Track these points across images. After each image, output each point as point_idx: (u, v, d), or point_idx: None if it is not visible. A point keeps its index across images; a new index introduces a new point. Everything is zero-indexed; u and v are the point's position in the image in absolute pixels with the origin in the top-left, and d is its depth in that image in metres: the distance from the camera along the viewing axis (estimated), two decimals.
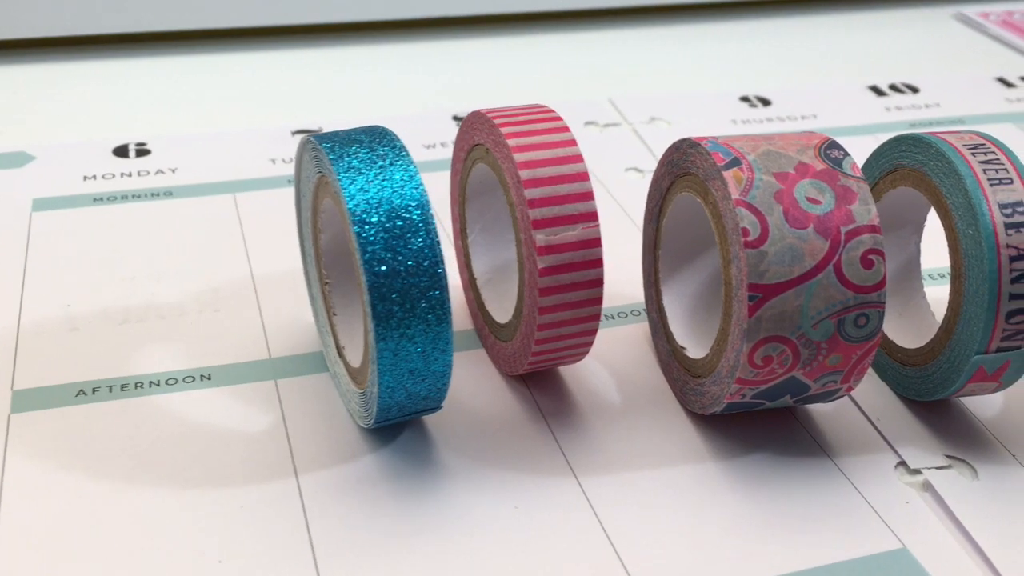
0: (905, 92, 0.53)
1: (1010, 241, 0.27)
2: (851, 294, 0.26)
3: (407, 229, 0.25)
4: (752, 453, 0.29)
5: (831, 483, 0.28)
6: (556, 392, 0.31)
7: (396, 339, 0.25)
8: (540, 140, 0.28)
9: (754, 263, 0.26)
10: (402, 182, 0.25)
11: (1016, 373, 0.28)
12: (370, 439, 0.29)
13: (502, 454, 0.29)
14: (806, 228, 0.26)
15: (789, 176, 0.27)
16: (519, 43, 0.56)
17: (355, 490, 0.27)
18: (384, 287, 0.25)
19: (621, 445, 0.29)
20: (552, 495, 0.27)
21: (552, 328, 0.28)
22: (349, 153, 0.26)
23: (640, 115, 0.49)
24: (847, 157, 0.28)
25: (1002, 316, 0.27)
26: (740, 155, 0.27)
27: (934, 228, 0.30)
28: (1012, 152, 0.28)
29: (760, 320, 0.26)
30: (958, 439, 0.30)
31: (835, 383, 0.28)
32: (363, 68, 0.52)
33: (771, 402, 0.28)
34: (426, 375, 0.26)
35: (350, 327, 0.30)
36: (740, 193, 0.26)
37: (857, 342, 0.27)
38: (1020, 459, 0.29)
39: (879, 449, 0.29)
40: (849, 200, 0.27)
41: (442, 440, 0.29)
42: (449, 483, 0.28)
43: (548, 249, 0.27)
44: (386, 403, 0.26)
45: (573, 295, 0.28)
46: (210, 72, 0.51)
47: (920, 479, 0.28)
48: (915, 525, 0.27)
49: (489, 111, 0.29)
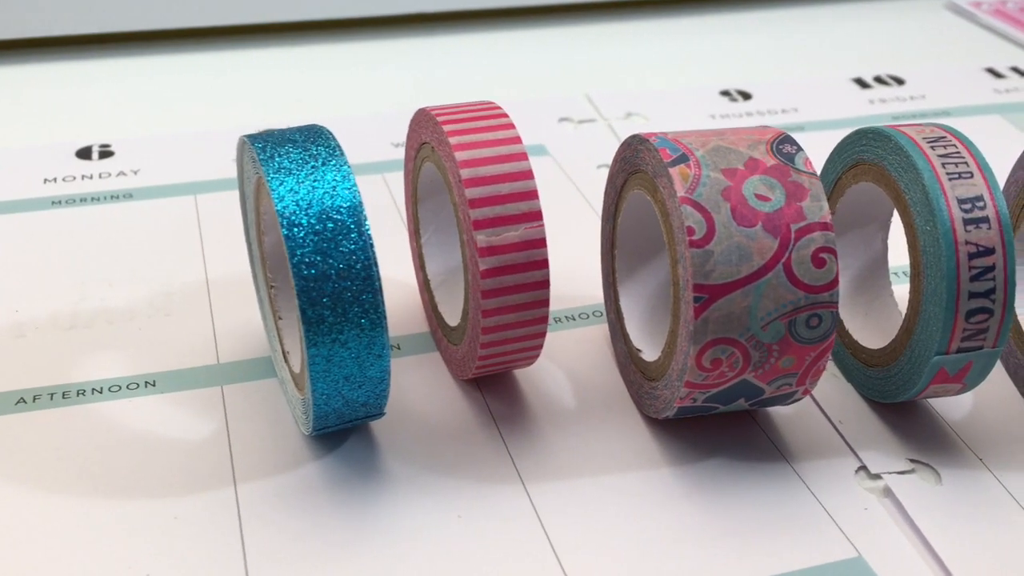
0: (890, 84, 0.52)
1: (969, 237, 0.26)
2: (802, 294, 0.25)
3: (338, 232, 0.24)
4: (708, 458, 0.28)
5: (788, 489, 0.27)
6: (510, 396, 0.30)
7: (328, 345, 0.24)
8: (483, 138, 0.27)
9: (699, 263, 0.25)
10: (334, 183, 0.25)
11: (980, 374, 0.27)
12: (314, 446, 0.28)
13: (449, 461, 0.28)
14: (754, 226, 0.25)
15: (738, 172, 0.26)
16: (495, 39, 0.55)
17: (294, 499, 0.26)
18: (314, 291, 0.24)
19: (573, 451, 0.28)
20: (497, 503, 0.27)
21: (497, 332, 0.27)
22: (280, 153, 0.25)
23: (616, 111, 0.48)
24: (800, 152, 0.27)
25: (962, 315, 0.26)
26: (688, 151, 0.27)
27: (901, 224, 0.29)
28: (974, 145, 0.27)
29: (707, 322, 0.25)
30: (923, 442, 0.29)
31: (790, 386, 0.27)
32: (332, 66, 0.52)
33: (725, 406, 0.27)
34: (362, 381, 0.25)
35: (294, 332, 0.29)
36: (686, 191, 0.26)
37: (810, 344, 0.26)
38: (987, 463, 0.28)
39: (840, 453, 0.29)
40: (800, 197, 0.26)
41: (388, 447, 0.28)
42: (392, 491, 0.27)
43: (490, 250, 0.26)
44: (322, 410, 0.26)
45: (517, 297, 0.27)
46: (177, 73, 0.51)
47: (880, 484, 0.28)
48: (872, 532, 0.26)
49: (434, 108, 0.29)
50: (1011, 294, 0.26)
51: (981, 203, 0.26)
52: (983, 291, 0.26)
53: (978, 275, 0.26)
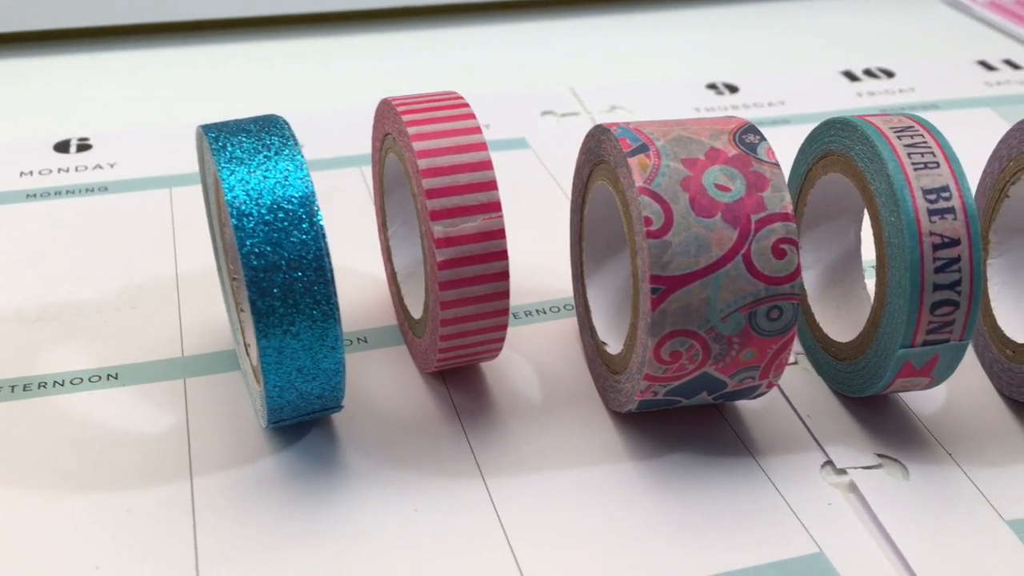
0: (880, 77, 0.51)
1: (934, 228, 0.25)
2: (762, 285, 0.25)
3: (289, 222, 0.24)
4: (672, 452, 0.28)
5: (752, 483, 0.27)
6: (475, 390, 0.30)
7: (280, 336, 0.24)
8: (441, 128, 0.27)
9: (657, 254, 0.25)
10: (286, 172, 0.24)
11: (947, 368, 0.27)
12: (274, 439, 0.28)
13: (409, 454, 0.28)
14: (713, 216, 0.25)
15: (698, 162, 0.26)
16: (480, 32, 0.54)
17: (251, 492, 0.26)
18: (264, 282, 0.24)
19: (535, 445, 0.28)
20: (455, 497, 0.26)
21: (456, 324, 0.27)
22: (233, 143, 0.25)
23: (601, 104, 0.47)
24: (763, 142, 0.26)
25: (926, 308, 0.26)
26: (649, 141, 0.26)
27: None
28: (942, 136, 0.27)
29: (664, 313, 0.25)
30: (892, 437, 0.28)
31: (753, 379, 0.27)
32: (314, 60, 0.51)
33: (688, 399, 0.27)
34: (316, 373, 0.25)
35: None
36: (644, 181, 0.25)
37: (771, 336, 0.26)
38: (957, 458, 0.28)
39: (807, 448, 0.28)
40: (761, 187, 0.25)
41: (349, 440, 0.28)
42: (349, 485, 0.27)
43: (447, 241, 0.26)
44: (276, 403, 0.25)
45: (476, 289, 0.26)
46: (160, 67, 0.50)
47: (846, 479, 0.27)
48: (835, 528, 0.26)
49: (396, 99, 0.28)
50: (977, 286, 0.26)
51: (947, 193, 0.26)
52: (948, 283, 0.25)
53: (943, 266, 0.25)
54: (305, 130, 0.44)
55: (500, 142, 0.44)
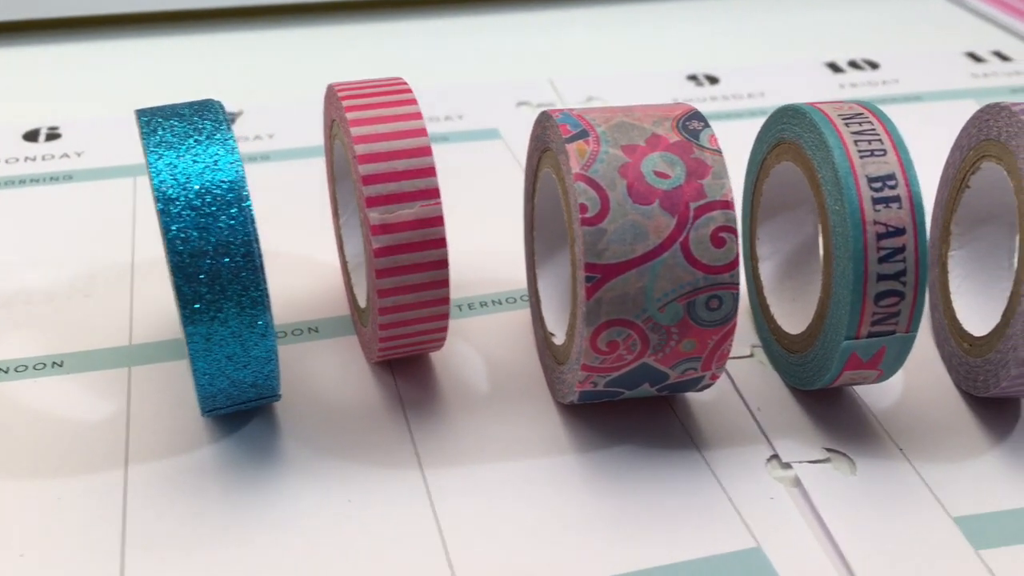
0: (864, 68, 0.50)
1: (878, 217, 0.25)
2: (700, 274, 0.25)
3: (217, 206, 0.24)
4: (617, 445, 0.27)
5: (694, 477, 0.26)
6: (423, 381, 0.30)
7: (207, 323, 0.24)
8: (381, 114, 0.26)
9: (591, 241, 0.24)
10: (216, 157, 0.24)
11: (895, 360, 0.26)
12: (213, 429, 0.28)
13: (349, 445, 0.27)
14: (651, 204, 0.24)
15: (638, 149, 0.25)
16: (463, 23, 0.54)
17: (185, 481, 0.26)
18: (190, 267, 0.23)
19: (478, 436, 0.28)
20: (391, 488, 0.26)
21: (395, 312, 0.27)
22: (164, 127, 0.25)
23: (578, 95, 0.47)
24: (706, 129, 0.26)
25: (870, 298, 0.25)
26: (590, 127, 0.26)
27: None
28: (892, 123, 0.26)
29: (600, 302, 0.24)
30: (843, 432, 0.28)
31: (695, 370, 0.26)
32: (289, 50, 0.51)
33: (631, 391, 0.27)
34: (247, 361, 0.25)
35: None
36: (581, 167, 0.25)
37: (711, 326, 0.25)
38: (907, 454, 0.27)
39: (755, 441, 0.28)
40: (701, 174, 0.25)
41: (290, 430, 0.28)
42: (284, 475, 0.26)
43: (383, 228, 0.25)
44: (207, 391, 0.25)
45: (414, 277, 0.26)
46: (130, 56, 0.50)
47: (791, 474, 0.27)
48: (775, 523, 0.25)
49: (339, 84, 0.28)
50: (923, 276, 0.25)
51: (892, 182, 0.25)
52: (893, 273, 0.25)
53: (887, 256, 0.25)
54: (278, 121, 0.44)
55: (472, 132, 0.44)
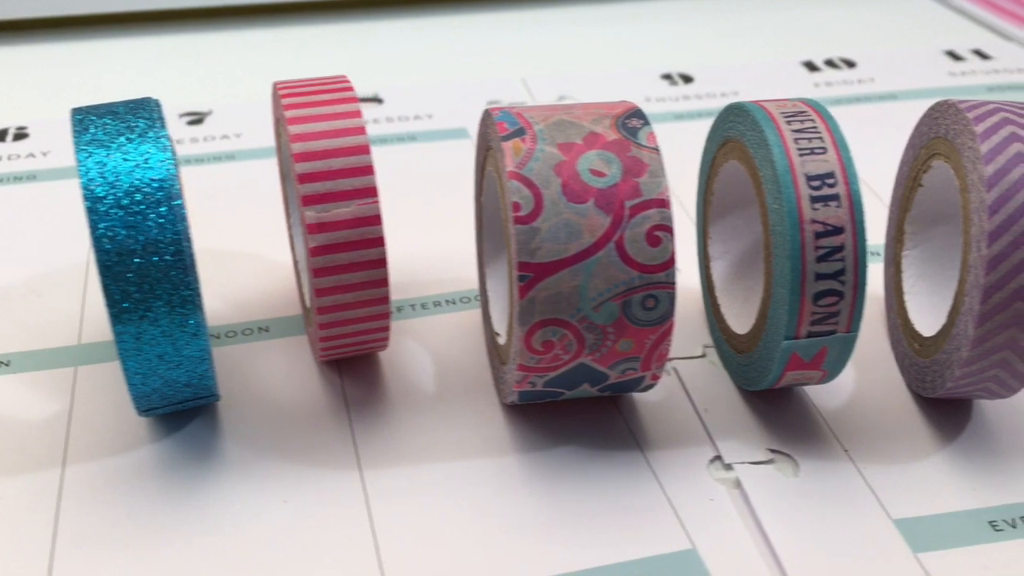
0: (841, 67, 0.50)
1: (816, 216, 0.25)
2: (636, 273, 0.24)
3: (146, 204, 0.24)
4: (560, 446, 0.27)
5: (635, 478, 0.26)
6: (370, 381, 0.29)
7: (136, 322, 0.24)
8: (319, 112, 0.26)
9: (524, 240, 0.24)
10: (147, 155, 0.24)
11: (838, 361, 0.26)
12: (155, 429, 0.27)
13: (290, 446, 0.27)
14: (586, 202, 0.24)
15: (575, 147, 0.25)
16: (435, 23, 0.54)
17: (122, 482, 0.26)
18: (118, 266, 0.23)
19: (421, 437, 0.27)
20: (327, 488, 0.26)
21: (334, 312, 0.26)
22: (97, 125, 0.25)
23: (549, 94, 0.47)
24: (645, 127, 0.26)
25: (808, 298, 0.25)
26: (528, 124, 0.25)
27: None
28: (835, 122, 0.26)
29: (533, 302, 0.24)
30: (789, 433, 0.28)
31: (635, 370, 0.26)
32: (265, 49, 0.51)
33: (571, 391, 0.26)
34: (180, 361, 0.25)
35: None
36: (516, 165, 0.25)
37: (648, 326, 0.25)
38: (853, 455, 0.27)
39: (699, 443, 0.27)
40: (638, 172, 0.25)
41: (231, 430, 0.28)
42: (221, 476, 0.26)
43: (319, 227, 0.25)
44: (140, 390, 0.25)
45: (352, 276, 0.26)
46: (99, 57, 0.50)
47: (732, 475, 0.26)
48: (712, 525, 0.25)
49: (282, 83, 0.28)
50: (862, 276, 0.25)
51: (832, 180, 0.25)
52: (831, 272, 0.25)
53: (826, 255, 0.25)
54: (245, 120, 0.44)
55: (440, 132, 0.43)
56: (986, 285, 0.24)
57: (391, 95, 0.46)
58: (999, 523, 0.25)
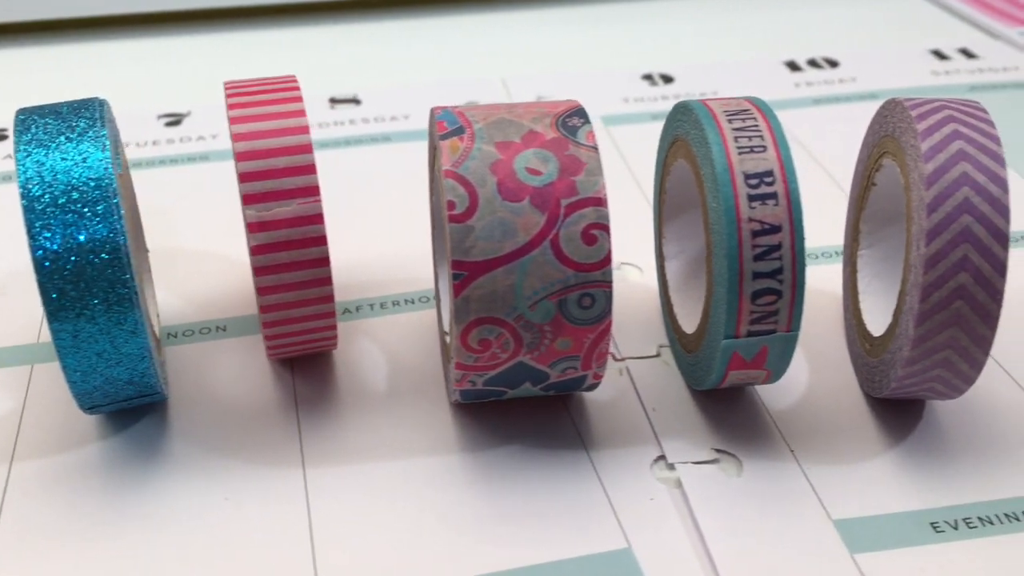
0: (823, 67, 0.50)
1: (753, 214, 0.24)
2: (571, 272, 0.24)
3: (83, 203, 0.24)
4: (505, 445, 0.27)
5: (577, 478, 0.26)
6: (321, 379, 0.29)
7: (73, 320, 0.24)
8: (263, 111, 0.26)
9: (459, 238, 0.24)
10: (85, 154, 0.24)
11: (780, 360, 0.26)
12: (104, 426, 0.28)
13: (236, 443, 0.27)
14: (521, 201, 0.24)
15: (512, 146, 0.25)
16: (417, 25, 0.54)
17: (68, 479, 0.26)
18: (54, 265, 0.23)
19: (367, 435, 0.28)
20: (269, 486, 0.26)
21: (277, 310, 0.26)
22: (39, 125, 0.25)
23: (527, 95, 0.47)
24: (585, 125, 0.25)
25: (747, 297, 0.25)
26: (467, 123, 0.25)
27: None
28: (777, 120, 0.26)
29: (468, 300, 0.24)
30: (737, 433, 0.27)
31: (575, 369, 0.26)
32: (244, 51, 0.51)
33: (513, 390, 0.26)
34: (119, 359, 0.25)
35: None
36: (452, 164, 0.25)
37: (585, 325, 0.25)
38: (798, 455, 0.27)
39: (644, 442, 0.27)
40: (575, 171, 0.25)
41: (180, 428, 0.28)
42: (166, 473, 0.26)
43: (260, 226, 0.25)
44: (80, 387, 0.25)
45: (295, 275, 0.26)
46: (83, 59, 0.51)
47: (675, 475, 0.26)
48: (650, 524, 0.25)
49: (231, 83, 0.28)
50: (800, 275, 0.25)
51: (770, 178, 0.25)
52: (769, 271, 0.24)
53: (763, 254, 0.24)
54: (219, 122, 0.44)
55: (415, 133, 0.44)
56: (924, 284, 0.24)
57: (369, 96, 0.46)
58: (941, 525, 0.25)
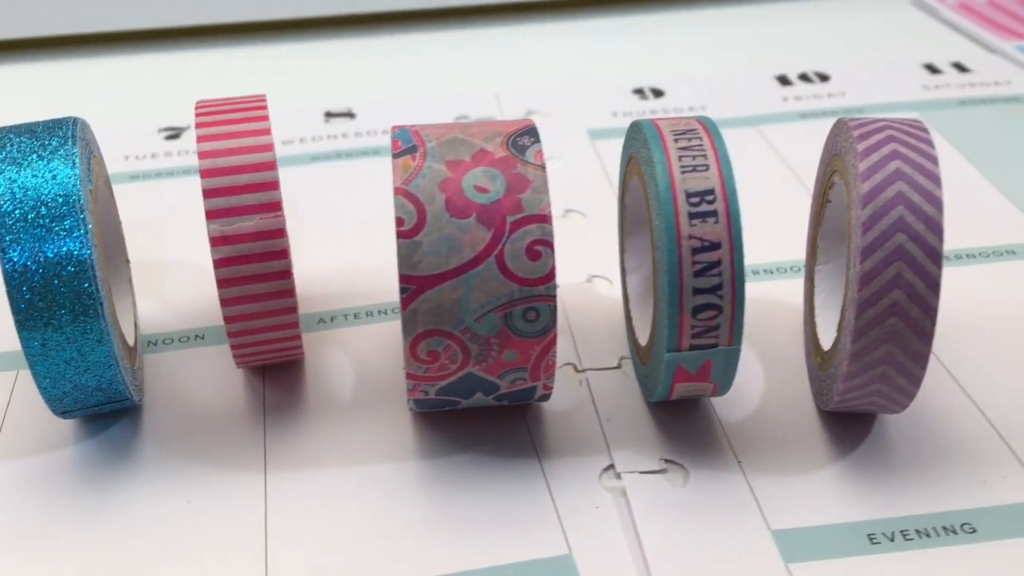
0: (814, 81, 0.50)
1: (693, 232, 0.25)
2: (516, 287, 0.25)
3: (51, 218, 0.25)
4: (461, 453, 0.28)
5: (527, 485, 0.27)
6: (290, 387, 0.31)
7: (41, 329, 0.25)
8: (229, 130, 0.27)
9: (407, 253, 0.25)
10: (54, 172, 0.25)
11: (725, 373, 0.26)
12: (80, 430, 0.29)
13: (205, 447, 0.28)
14: (468, 217, 0.25)
15: (462, 164, 0.26)
16: (411, 40, 0.55)
17: (40, 479, 0.27)
18: (24, 277, 0.25)
19: (329, 442, 0.29)
20: (230, 490, 0.27)
21: (241, 321, 0.28)
22: (13, 143, 0.26)
23: (519, 109, 0.48)
24: (534, 145, 0.26)
25: (687, 312, 0.25)
26: (421, 142, 0.26)
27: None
28: (721, 139, 0.27)
29: (416, 313, 0.25)
30: (688, 443, 0.28)
31: (524, 380, 0.27)
32: (245, 67, 0.53)
33: (467, 400, 0.27)
34: (87, 366, 0.26)
35: None
36: (403, 182, 0.26)
37: (531, 337, 0.26)
38: (744, 467, 0.27)
39: (596, 452, 0.28)
40: (521, 189, 0.26)
41: (152, 433, 0.29)
42: (136, 476, 0.27)
43: (223, 240, 0.27)
44: (51, 393, 0.26)
45: (257, 287, 0.27)
46: (83, 75, 0.52)
47: (621, 484, 0.27)
48: (592, 532, 0.26)
49: (202, 102, 0.29)
50: (740, 291, 0.25)
51: (711, 197, 0.25)
52: (709, 287, 0.25)
53: (702, 270, 0.25)
54: None
55: None
56: (859, 300, 0.25)
57: (363, 110, 0.48)
58: (877, 536, 0.25)
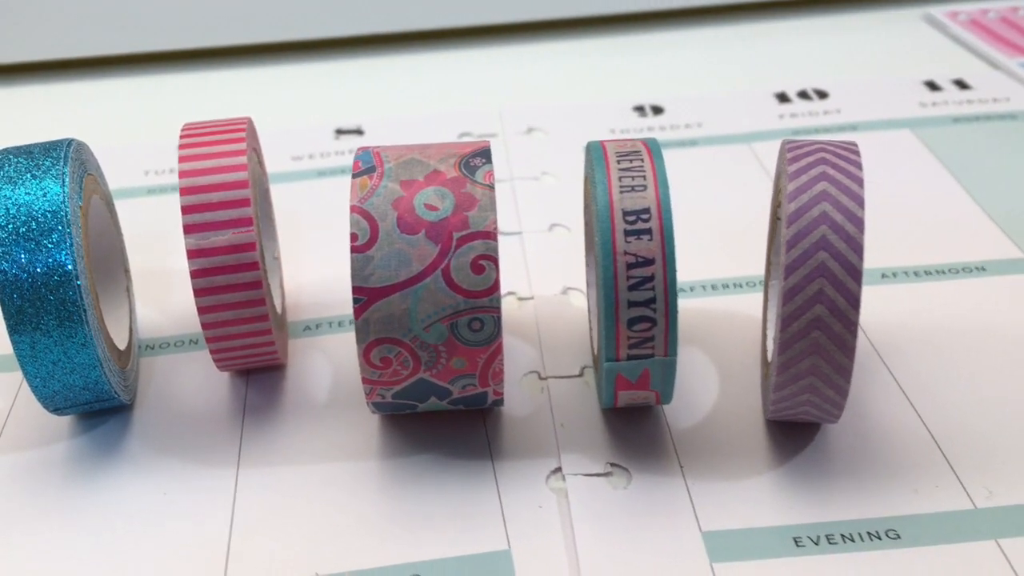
0: (812, 98, 0.51)
1: (628, 248, 0.27)
2: (461, 298, 0.27)
3: (40, 232, 0.27)
4: (421, 453, 0.30)
5: (478, 485, 0.29)
6: (270, 390, 0.33)
7: (30, 332, 0.28)
8: (208, 151, 0.30)
9: (360, 267, 0.27)
10: (45, 190, 0.28)
11: (663, 382, 0.28)
12: (75, 426, 0.31)
13: (185, 445, 0.31)
14: (417, 234, 0.27)
15: (415, 184, 0.28)
16: (418, 59, 0.57)
17: (34, 472, 0.30)
18: (15, 283, 0.27)
19: (300, 441, 0.31)
20: (203, 483, 0.29)
21: (216, 328, 0.30)
22: (11, 163, 0.29)
23: (519, 126, 0.49)
24: (485, 166, 0.28)
25: (623, 323, 0.27)
26: (380, 163, 0.28)
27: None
28: (661, 161, 0.28)
29: (368, 322, 0.27)
30: (636, 449, 0.30)
31: (474, 386, 0.28)
32: (260, 87, 0.55)
33: (422, 403, 0.29)
34: (73, 367, 0.28)
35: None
36: (358, 200, 0.27)
37: (477, 346, 0.27)
38: (686, 471, 0.29)
39: (546, 455, 0.30)
40: (469, 207, 0.27)
41: (139, 430, 0.31)
42: (120, 469, 0.30)
43: (198, 252, 0.29)
44: (42, 392, 0.29)
45: (230, 296, 0.29)
46: (92, 96, 0.55)
47: (565, 485, 0.28)
48: (532, 530, 0.27)
49: (188, 125, 0.31)
50: (672, 305, 0.27)
51: (646, 215, 0.27)
52: (643, 300, 0.27)
53: (636, 284, 0.27)
54: None
55: None
56: (784, 314, 0.26)
57: (372, 127, 0.50)
58: (803, 540, 0.26)
